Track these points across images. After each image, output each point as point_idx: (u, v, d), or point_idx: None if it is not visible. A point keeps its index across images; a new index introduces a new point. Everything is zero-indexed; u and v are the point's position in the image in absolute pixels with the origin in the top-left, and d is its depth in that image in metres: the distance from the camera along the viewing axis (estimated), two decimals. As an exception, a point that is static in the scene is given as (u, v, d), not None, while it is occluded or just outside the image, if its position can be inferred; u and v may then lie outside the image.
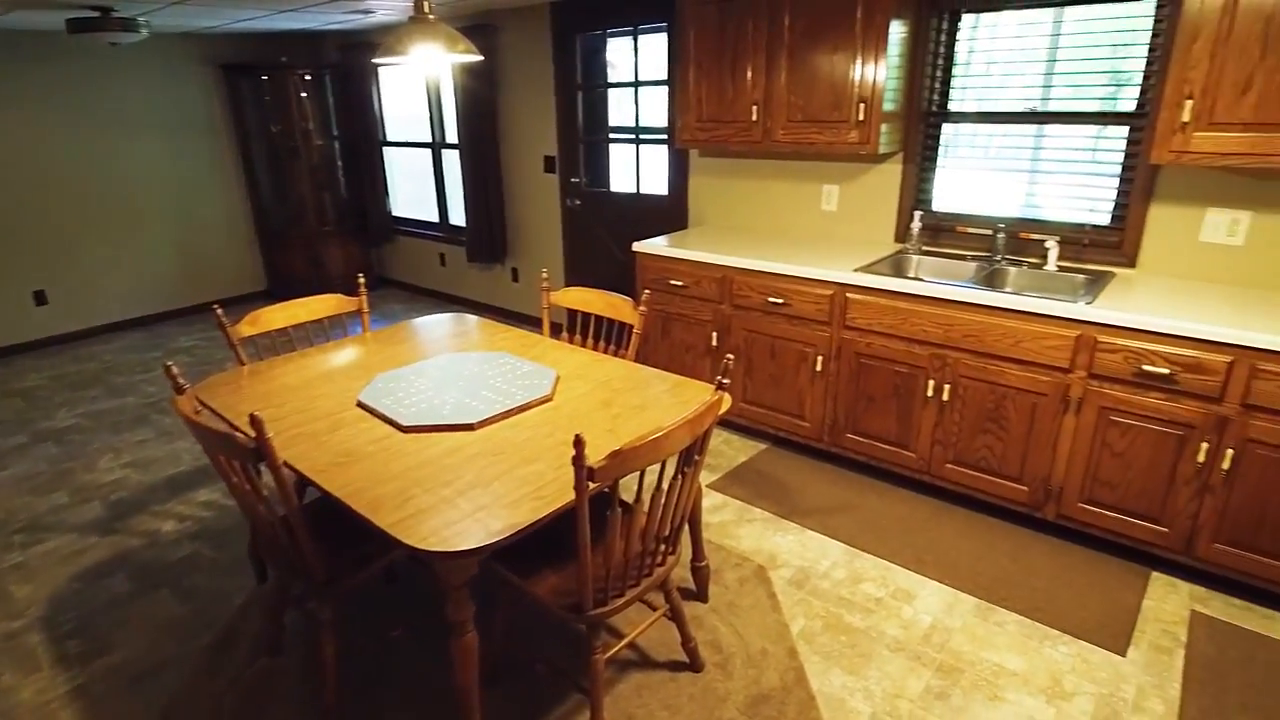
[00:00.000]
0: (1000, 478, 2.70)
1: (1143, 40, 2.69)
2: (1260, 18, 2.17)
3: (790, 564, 2.55)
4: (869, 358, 2.92)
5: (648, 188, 4.39)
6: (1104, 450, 2.45)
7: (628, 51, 4.23)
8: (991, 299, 2.55)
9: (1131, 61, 2.73)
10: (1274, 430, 2.13)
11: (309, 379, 2.30)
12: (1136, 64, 2.71)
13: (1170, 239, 2.72)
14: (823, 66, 3.07)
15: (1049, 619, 2.25)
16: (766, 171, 3.77)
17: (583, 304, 2.75)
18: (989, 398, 2.65)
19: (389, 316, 5.66)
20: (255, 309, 2.96)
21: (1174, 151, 2.38)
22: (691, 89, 3.52)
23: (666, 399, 2.10)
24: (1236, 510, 2.24)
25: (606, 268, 4.68)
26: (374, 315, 5.67)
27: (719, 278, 3.30)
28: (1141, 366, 2.30)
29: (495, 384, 2.19)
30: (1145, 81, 2.70)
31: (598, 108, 4.55)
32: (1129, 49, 2.72)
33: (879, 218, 3.44)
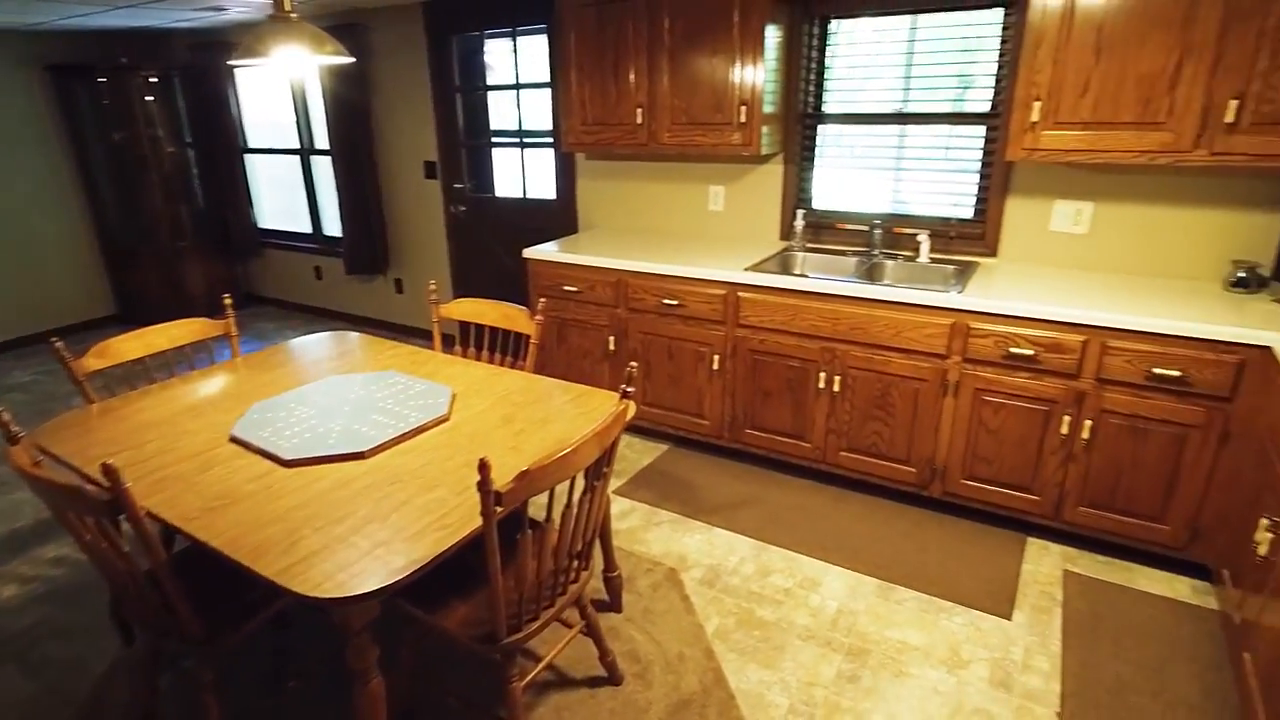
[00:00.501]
0: (890, 461, 2.84)
1: (993, 46, 2.89)
2: (1093, 27, 2.38)
3: (700, 564, 2.56)
4: (763, 354, 2.99)
5: (535, 192, 4.31)
6: (980, 429, 2.62)
7: (507, 53, 4.14)
8: (874, 292, 2.67)
9: (985, 65, 2.93)
10: (1124, 401, 2.35)
11: (173, 414, 2.08)
12: (989, 68, 2.92)
13: (1025, 229, 2.95)
14: (703, 69, 3.11)
15: (943, 592, 2.38)
16: (654, 173, 3.79)
17: (475, 315, 2.65)
18: (876, 386, 2.78)
19: (261, 338, 5.28)
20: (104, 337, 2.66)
21: (1026, 149, 2.58)
22: (575, 92, 3.48)
23: (570, 410, 2.06)
24: (1096, 475, 2.46)
25: (496, 275, 4.56)
26: (244, 337, 5.26)
27: (613, 282, 3.28)
28: (1009, 349, 2.48)
29: (386, 406, 2.07)
30: (997, 84, 2.91)
31: (478, 111, 4.42)
32: (982, 54, 2.92)
33: (764, 217, 3.53)
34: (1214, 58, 2.25)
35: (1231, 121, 2.26)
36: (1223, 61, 2.24)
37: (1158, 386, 2.29)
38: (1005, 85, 2.87)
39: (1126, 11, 2.33)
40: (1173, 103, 2.34)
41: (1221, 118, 2.28)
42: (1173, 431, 2.31)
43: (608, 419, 1.59)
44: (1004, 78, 2.88)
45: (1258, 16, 2.17)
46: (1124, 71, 2.38)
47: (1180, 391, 2.27)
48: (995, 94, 2.92)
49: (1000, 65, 2.88)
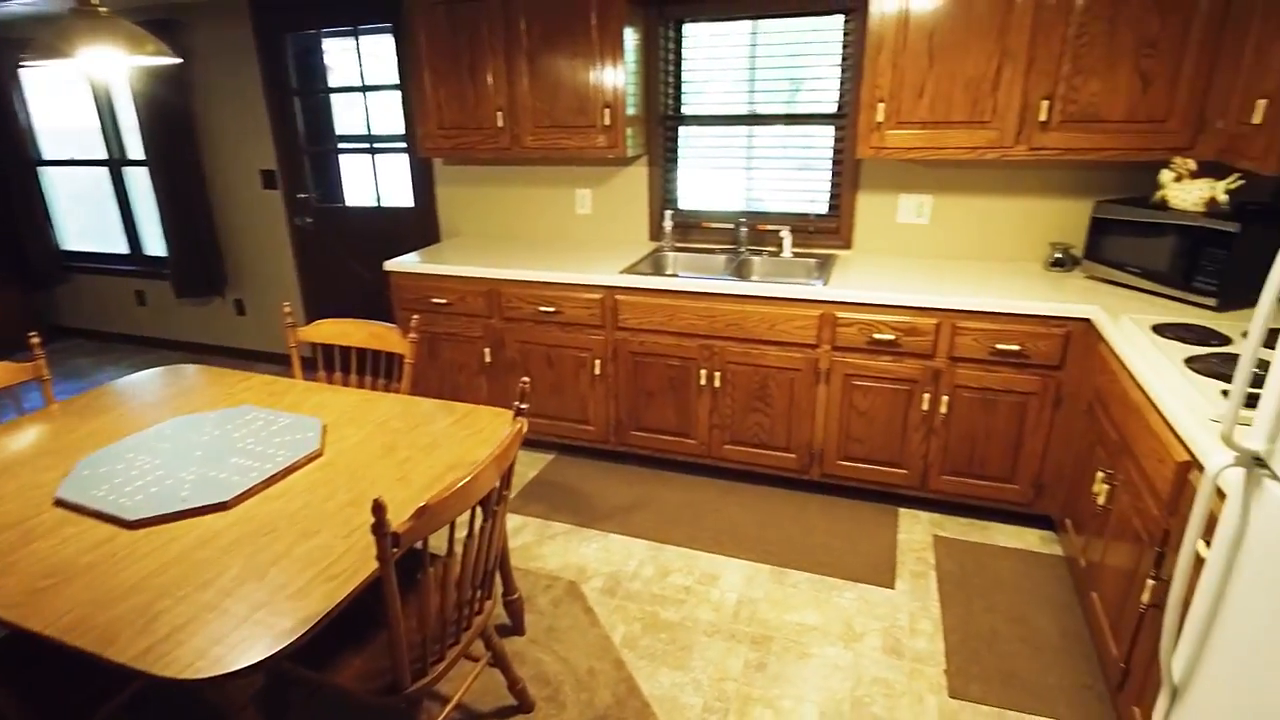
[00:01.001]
0: (772, 450, 2.94)
1: (837, 50, 3.06)
2: (925, 34, 2.57)
3: (600, 572, 2.53)
4: (644, 355, 3.00)
5: (391, 200, 4.08)
6: (851, 411, 2.77)
7: (350, 53, 3.88)
8: (747, 289, 2.75)
9: (830, 69, 3.10)
10: (973, 376, 2.57)
11: (-25, 480, 1.76)
12: (834, 71, 3.09)
13: (875, 222, 3.16)
14: (564, 72, 3.06)
15: (832, 570, 2.50)
16: (518, 178, 3.70)
17: (340, 337, 2.46)
18: (754, 379, 2.86)
19: (78, 377, 4.64)
20: None
21: (873, 148, 2.75)
22: (429, 94, 3.32)
23: (457, 432, 1.95)
24: (954, 446, 2.68)
25: (353, 291, 4.28)
26: (56, 379, 4.60)
27: (486, 291, 3.16)
28: (872, 335, 2.64)
29: (246, 447, 1.86)
30: (842, 87, 3.09)
31: (320, 115, 4.11)
32: (827, 58, 3.08)
33: (632, 218, 3.55)
34: (1027, 63, 2.51)
35: (1044, 120, 2.53)
36: (1034, 66, 2.50)
37: (1000, 360, 2.53)
38: (849, 88, 3.05)
39: (952, 20, 2.54)
40: (996, 104, 2.58)
41: (1036, 117, 2.54)
42: (1015, 400, 2.56)
43: (505, 440, 1.52)
44: (847, 81, 3.06)
45: (1060, 26, 2.44)
46: (954, 75, 2.59)
47: (1019, 364, 2.51)
48: (841, 96, 3.10)
49: (844, 69, 3.06)
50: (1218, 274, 2.25)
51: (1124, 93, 2.45)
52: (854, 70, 3.01)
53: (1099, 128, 2.50)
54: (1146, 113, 2.45)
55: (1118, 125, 2.48)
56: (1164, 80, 2.40)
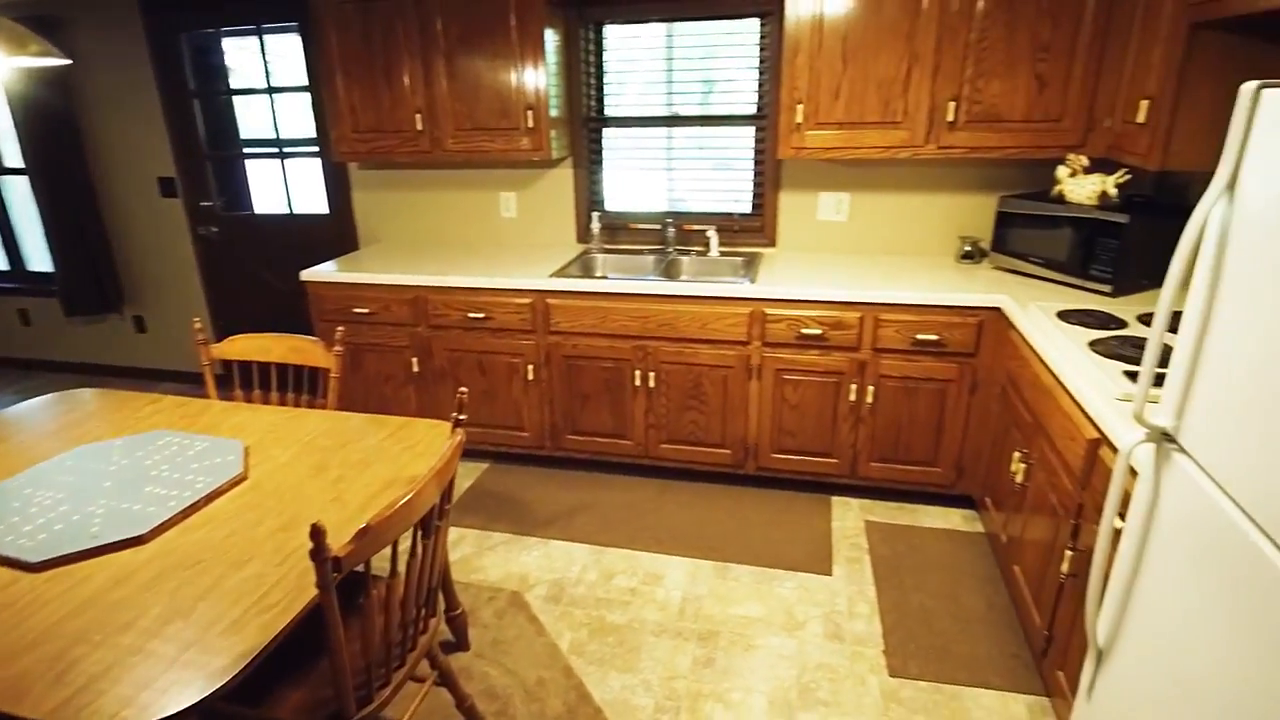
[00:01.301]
0: (708, 446, 2.98)
1: (754, 53, 3.13)
2: (839, 37, 2.66)
3: (543, 580, 2.51)
4: (577, 358, 2.98)
5: (303, 207, 3.91)
6: (783, 405, 2.84)
7: (253, 53, 3.69)
8: (678, 289, 2.77)
9: (749, 71, 3.16)
10: (896, 366, 2.68)
11: None
12: (753, 73, 3.15)
13: (797, 220, 3.25)
14: (485, 74, 3.01)
15: (771, 561, 2.56)
16: (440, 182, 3.61)
17: (258, 352, 2.34)
18: (688, 378, 2.90)
19: (-48, 402, 4.23)
20: None
21: (794, 148, 2.83)
22: (343, 97, 3.20)
23: (392, 447, 1.89)
24: (880, 434, 2.79)
25: (265, 303, 4.08)
26: (-74, 404, 4.19)
27: (411, 299, 3.07)
28: (801, 330, 2.71)
29: (161, 474, 1.75)
30: (760, 88, 3.16)
31: (223, 118, 3.90)
32: (746, 60, 3.14)
33: (559, 221, 3.52)
34: (934, 66, 2.63)
35: (951, 120, 2.66)
36: (940, 69, 2.63)
37: (920, 350, 2.64)
38: (768, 89, 3.13)
39: (863, 24, 2.64)
40: (906, 105, 2.69)
41: (944, 117, 2.67)
42: (935, 387, 2.68)
43: (446, 453, 1.48)
44: (766, 82, 3.13)
45: (963, 31, 2.57)
46: (867, 77, 2.69)
47: (937, 352, 2.64)
48: (759, 98, 3.17)
49: (761, 71, 3.13)
50: (1111, 262, 2.42)
51: (1023, 94, 2.60)
52: (771, 72, 3.08)
53: (1001, 127, 2.65)
54: (1043, 112, 2.61)
55: (1018, 125, 2.64)
56: (1058, 82, 2.57)
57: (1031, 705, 1.94)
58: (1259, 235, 0.94)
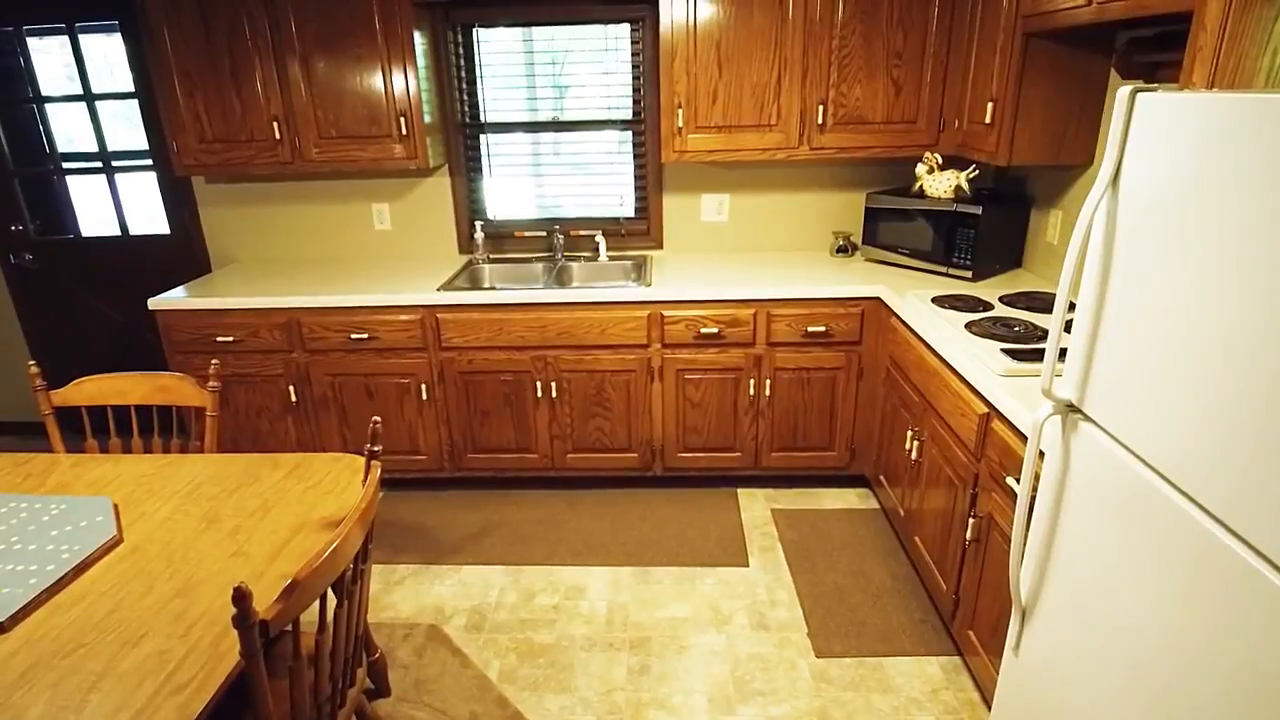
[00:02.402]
0: (614, 452, 2.97)
1: (626, 58, 3.15)
2: (713, 43, 2.74)
3: (460, 609, 2.39)
4: (474, 374, 2.87)
5: (141, 227, 3.49)
6: (686, 405, 2.89)
7: (65, 55, 3.24)
8: (573, 295, 2.74)
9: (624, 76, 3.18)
10: (789, 358, 2.80)
11: None
12: (627, 78, 3.17)
13: (682, 222, 3.31)
14: (349, 78, 2.83)
15: (689, 560, 2.59)
16: (301, 194, 3.35)
17: (115, 395, 2.06)
18: (591, 385, 2.87)
19: None
20: None
21: (676, 151, 2.88)
22: (184, 104, 2.89)
23: (293, 487, 1.73)
24: (779, 424, 2.90)
25: (101, 338, 3.61)
26: None
27: (282, 323, 2.83)
28: (699, 329, 2.77)
29: (13, 549, 1.49)
30: (636, 93, 3.18)
31: (30, 130, 3.40)
32: (621, 64, 3.16)
33: (438, 231, 3.38)
34: (802, 72, 2.77)
35: (821, 123, 2.82)
36: (808, 75, 2.77)
37: (811, 341, 2.78)
38: (645, 94, 3.16)
39: (734, 31, 2.73)
40: (779, 108, 2.82)
41: (815, 120, 2.82)
42: (826, 376, 2.82)
43: (369, 489, 1.37)
44: (641, 87, 3.16)
45: (826, 38, 2.72)
46: (742, 82, 2.79)
47: (826, 343, 2.78)
48: (635, 102, 3.19)
49: (636, 76, 3.15)
50: (970, 250, 2.66)
51: (882, 98, 2.80)
52: (647, 77, 3.12)
53: (865, 129, 2.84)
54: (900, 114, 2.82)
55: (879, 126, 2.84)
56: (911, 86, 2.78)
57: (945, 665, 2.09)
58: (1143, 221, 1.06)
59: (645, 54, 3.10)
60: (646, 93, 3.15)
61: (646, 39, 3.08)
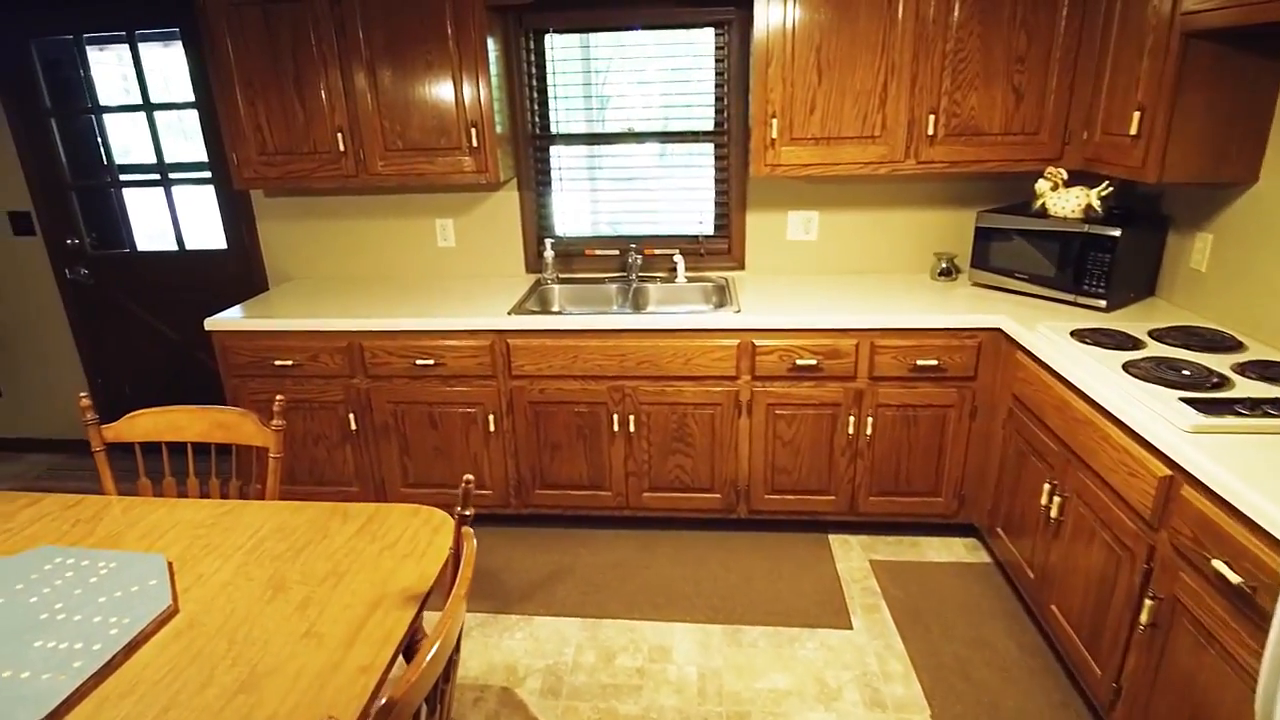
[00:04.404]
0: (695, 492, 2.73)
1: (709, 65, 2.92)
2: (812, 48, 2.49)
3: (533, 669, 2.17)
4: (545, 404, 2.66)
5: (197, 242, 3.37)
6: (776, 442, 2.63)
7: (125, 64, 3.13)
8: (658, 322, 2.51)
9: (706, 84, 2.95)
10: (894, 394, 2.52)
11: None
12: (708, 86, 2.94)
13: (765, 240, 3.06)
14: (418, 87, 2.65)
15: (784, 619, 2.33)
16: (362, 209, 3.19)
17: (170, 431, 1.88)
18: (671, 418, 2.63)
19: None
20: None
21: (768, 165, 2.64)
22: (245, 113, 2.74)
23: (366, 547, 1.52)
24: (879, 465, 2.62)
25: (157, 357, 3.49)
26: None
27: (344, 347, 2.65)
28: (795, 361, 2.51)
29: (57, 619, 1.31)
30: (720, 103, 2.95)
31: (88, 140, 3.30)
32: (703, 71, 2.93)
33: (504, 249, 3.18)
34: (911, 78, 2.51)
35: (931, 134, 2.55)
36: (918, 82, 2.51)
37: (920, 376, 2.50)
38: (728, 103, 2.93)
39: (836, 34, 2.48)
40: (884, 119, 2.56)
41: (924, 131, 2.55)
42: (934, 414, 2.54)
43: (465, 572, 1.15)
44: (725, 96, 2.93)
45: (939, 41, 2.46)
46: (843, 90, 2.54)
47: (936, 377, 2.50)
48: (719, 112, 2.96)
49: (720, 84, 2.92)
50: (1104, 277, 2.36)
51: (1000, 106, 2.52)
52: (732, 85, 2.89)
53: (980, 140, 2.56)
54: (1021, 125, 2.54)
55: (996, 138, 2.56)
56: (1034, 94, 2.50)
57: (1102, 764, 1.80)
58: None
59: (731, 60, 2.87)
60: (731, 102, 2.92)
61: (733, 44, 2.85)
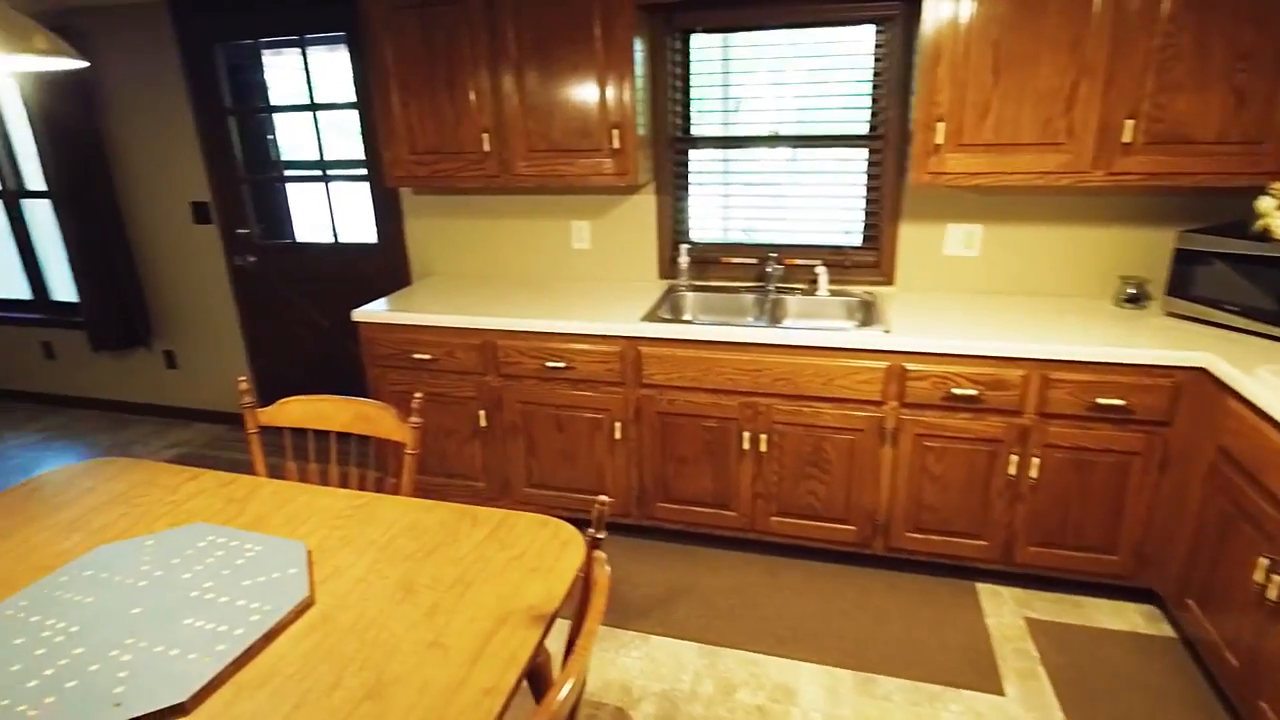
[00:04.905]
0: (828, 521, 2.54)
1: (867, 64, 2.73)
2: (989, 44, 2.26)
3: (649, 690, 2.07)
4: (674, 415, 2.57)
5: (349, 235, 3.54)
6: (923, 476, 2.40)
7: (295, 68, 3.34)
8: (800, 338, 2.35)
9: (859, 85, 2.76)
10: (1066, 434, 2.23)
11: None
12: (863, 87, 2.75)
13: (919, 254, 2.82)
14: (563, 88, 2.63)
15: (924, 674, 2.11)
16: (502, 208, 3.23)
17: (316, 419, 1.94)
18: (807, 441, 2.47)
19: (-37, 445, 3.88)
20: None
21: (931, 173, 2.41)
22: (398, 114, 2.83)
23: (495, 555, 1.48)
24: (1043, 513, 2.34)
25: (307, 340, 3.71)
26: (-65, 448, 3.84)
27: (479, 345, 2.68)
28: (950, 390, 2.28)
29: (205, 598, 1.34)
30: (875, 104, 2.75)
31: (260, 138, 3.55)
32: (857, 72, 2.75)
33: (638, 253, 3.12)
34: (1106, 78, 2.21)
35: (1128, 142, 2.24)
36: (1115, 83, 2.21)
37: (1099, 416, 2.20)
38: (886, 106, 2.72)
39: (1019, 30, 2.23)
40: (1071, 124, 2.28)
41: (1119, 138, 2.25)
42: (1115, 460, 2.23)
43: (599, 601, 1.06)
44: (882, 98, 2.73)
45: (1143, 38, 2.16)
46: (1022, 92, 2.28)
47: (1120, 420, 2.19)
48: (875, 115, 2.76)
49: (876, 85, 2.73)
50: (1347, 314, 1.98)
51: (1216, 111, 2.18)
52: (892, 86, 2.68)
53: (1187, 150, 2.23)
54: (1240, 133, 2.18)
55: (1208, 147, 2.21)
56: (1260, 97, 2.14)
57: None
58: None
59: (893, 60, 2.66)
60: (890, 104, 2.71)
61: (897, 42, 2.64)
